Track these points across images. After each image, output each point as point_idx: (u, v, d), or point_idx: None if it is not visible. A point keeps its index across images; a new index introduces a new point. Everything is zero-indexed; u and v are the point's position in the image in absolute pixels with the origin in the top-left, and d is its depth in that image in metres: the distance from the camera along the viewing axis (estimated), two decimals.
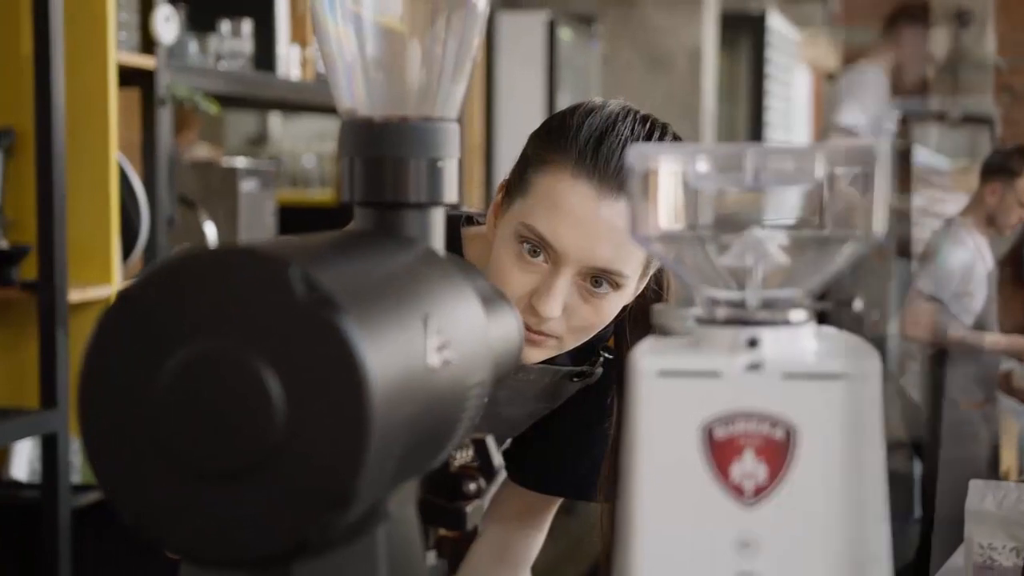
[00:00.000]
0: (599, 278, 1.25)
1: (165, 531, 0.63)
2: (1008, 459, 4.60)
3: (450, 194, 0.83)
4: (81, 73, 2.47)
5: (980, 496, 1.99)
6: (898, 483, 4.61)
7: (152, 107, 2.66)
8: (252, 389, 0.61)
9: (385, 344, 0.64)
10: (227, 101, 3.19)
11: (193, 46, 2.93)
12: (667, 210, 0.72)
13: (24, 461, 2.55)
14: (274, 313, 0.61)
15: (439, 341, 0.70)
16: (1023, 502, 1.92)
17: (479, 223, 1.43)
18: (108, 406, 0.64)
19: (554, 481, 1.51)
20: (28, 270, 2.40)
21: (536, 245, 1.25)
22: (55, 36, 2.36)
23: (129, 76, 2.64)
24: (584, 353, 1.41)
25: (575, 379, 1.42)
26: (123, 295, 0.64)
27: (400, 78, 0.82)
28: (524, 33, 5.14)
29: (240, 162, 3.17)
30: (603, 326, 1.30)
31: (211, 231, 2.93)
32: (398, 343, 0.65)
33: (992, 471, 4.39)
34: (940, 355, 4.34)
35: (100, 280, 2.50)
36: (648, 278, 1.34)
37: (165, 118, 2.68)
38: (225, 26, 3.02)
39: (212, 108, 2.76)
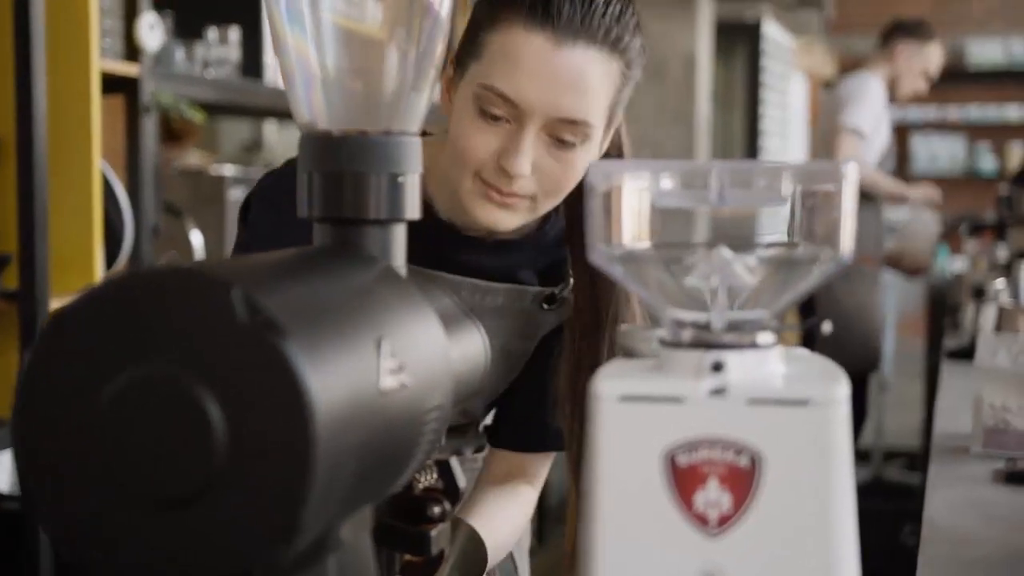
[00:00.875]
0: (564, 135, 1.23)
1: (105, 559, 0.61)
2: None
3: (412, 210, 0.81)
4: (64, 80, 2.44)
5: (991, 351, 1.88)
6: None
7: (136, 115, 2.63)
8: (193, 415, 0.59)
9: (332, 368, 0.61)
10: (214, 109, 3.16)
11: (179, 53, 2.91)
12: (630, 228, 0.70)
13: (5, 472, 2.52)
14: (215, 336, 0.59)
15: (394, 364, 0.68)
16: None
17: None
18: (45, 430, 0.61)
19: (536, 438, 1.47)
20: (9, 279, 2.37)
21: (496, 105, 1.23)
22: (36, 42, 2.34)
23: (113, 83, 2.61)
24: (552, 277, 1.40)
25: (545, 305, 1.40)
26: (61, 315, 0.62)
27: (360, 90, 0.80)
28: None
29: (229, 170, 3.15)
30: (573, 184, 1.28)
31: (197, 240, 2.91)
32: (347, 367, 0.63)
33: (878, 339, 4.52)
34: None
35: (83, 289, 2.47)
36: (612, 133, 1.32)
37: (149, 126, 2.66)
38: (212, 33, 3.00)
39: (197, 116, 2.73)
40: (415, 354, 0.71)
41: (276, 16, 0.80)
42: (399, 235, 0.80)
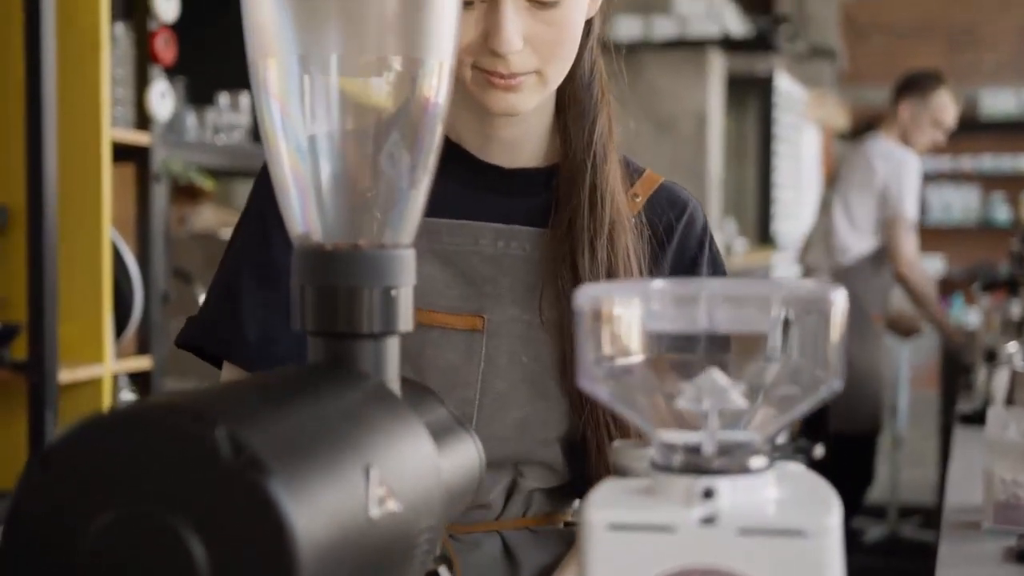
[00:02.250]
0: None
1: None
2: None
3: (405, 323, 0.80)
4: (75, 149, 2.46)
5: (1001, 424, 1.84)
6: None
7: (147, 183, 2.65)
8: (176, 555, 0.58)
9: (319, 503, 0.61)
10: (225, 173, 3.18)
11: (191, 119, 2.93)
12: (618, 351, 0.70)
13: None
14: (200, 475, 0.59)
15: (383, 491, 0.67)
16: None
17: None
18: (31, 568, 0.61)
19: None
20: (18, 349, 2.38)
21: None
22: (48, 113, 2.35)
23: (124, 152, 2.63)
24: None
25: None
26: (47, 452, 0.61)
27: (353, 203, 0.80)
28: None
29: None
30: (576, 40, 1.19)
31: None
32: (334, 499, 0.63)
33: (882, 400, 4.50)
34: (858, 267, 4.42)
35: (92, 359, 2.48)
36: None
37: (160, 194, 2.67)
38: (223, 99, 3.02)
39: (207, 184, 2.75)
40: (405, 477, 0.71)
41: (269, 127, 0.80)
42: (392, 348, 0.80)
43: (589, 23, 1.26)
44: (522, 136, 1.28)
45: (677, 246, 1.29)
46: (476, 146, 1.28)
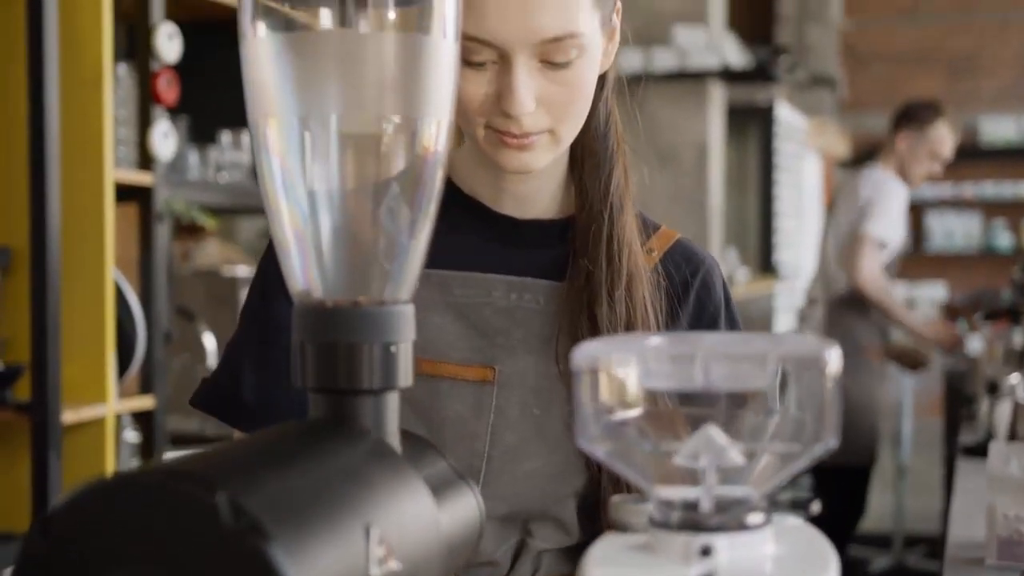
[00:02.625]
0: (555, 56, 1.13)
1: None
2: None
3: (405, 378, 0.81)
4: (78, 190, 2.47)
5: (1003, 459, 1.83)
6: None
7: (150, 222, 2.66)
8: None
9: (320, 566, 0.61)
10: (228, 210, 3.19)
11: (193, 157, 2.95)
12: (616, 408, 0.70)
13: None
14: (200, 541, 0.59)
15: (383, 550, 0.68)
16: None
17: None
18: None
19: None
20: (21, 390, 2.38)
21: (476, 52, 1.13)
22: (51, 154, 2.37)
23: (127, 192, 2.65)
24: None
25: None
26: (48, 518, 0.62)
27: (353, 261, 0.81)
28: None
29: (242, 271, 3.17)
30: (589, 99, 1.18)
31: (210, 343, 2.92)
32: (335, 562, 0.63)
33: (876, 432, 4.48)
34: (850, 299, 4.40)
35: (95, 399, 2.49)
36: (614, 25, 1.23)
37: (162, 233, 2.68)
38: (226, 137, 3.04)
39: (209, 223, 2.76)
40: (405, 535, 0.71)
41: (269, 185, 0.81)
42: (392, 403, 0.81)
43: (604, 75, 1.26)
44: (536, 189, 1.28)
45: (694, 304, 1.28)
46: (490, 198, 1.28)
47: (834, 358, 0.67)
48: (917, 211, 10.24)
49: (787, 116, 7.54)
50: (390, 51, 0.79)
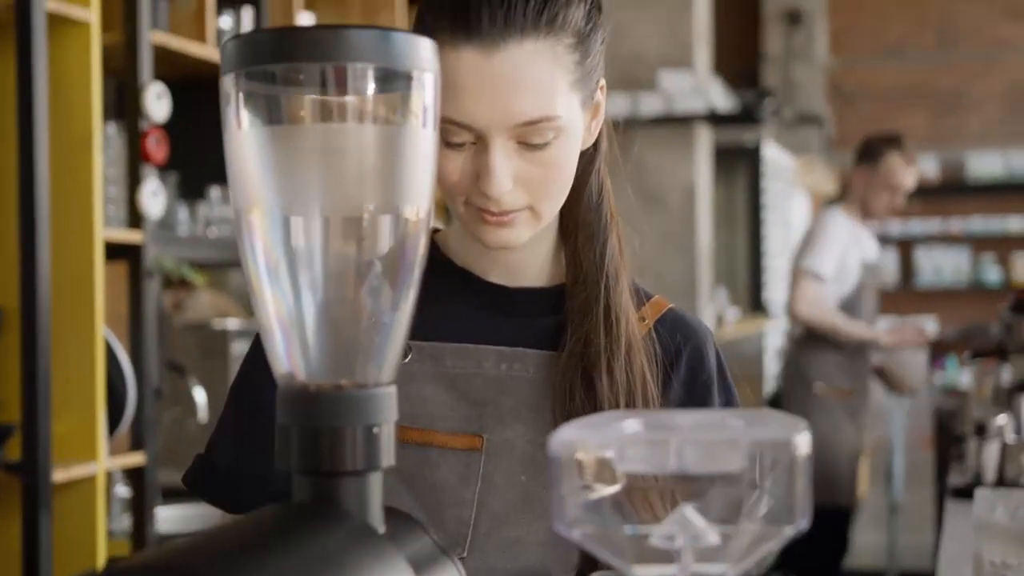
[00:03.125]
0: (532, 138, 1.14)
1: None
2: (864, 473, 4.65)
3: (387, 458, 0.83)
4: (68, 250, 2.49)
5: (989, 506, 1.84)
6: None
7: (139, 280, 2.68)
8: None
9: None
10: (218, 264, 3.21)
11: (183, 213, 2.97)
12: (592, 492, 0.72)
13: None
14: None
15: None
16: None
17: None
18: None
19: None
20: (12, 450, 2.39)
21: (454, 134, 1.14)
22: (41, 213, 2.39)
23: (117, 250, 2.66)
24: None
25: None
26: None
27: (336, 345, 0.83)
28: None
29: (233, 324, 3.18)
30: (569, 177, 1.19)
31: (201, 397, 2.93)
32: None
33: (850, 473, 4.44)
34: (805, 338, 4.40)
35: (86, 457, 2.49)
36: (597, 103, 1.23)
37: (152, 290, 2.70)
38: (215, 192, 3.06)
39: (198, 280, 2.78)
40: None
41: (253, 272, 0.83)
42: (375, 483, 0.82)
43: (596, 146, 1.27)
44: (525, 258, 1.29)
45: (686, 373, 1.29)
46: (481, 269, 1.29)
47: (803, 443, 0.69)
48: (906, 246, 10.29)
49: (774, 155, 7.59)
50: (371, 143, 0.81)
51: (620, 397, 1.22)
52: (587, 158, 1.25)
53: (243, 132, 0.81)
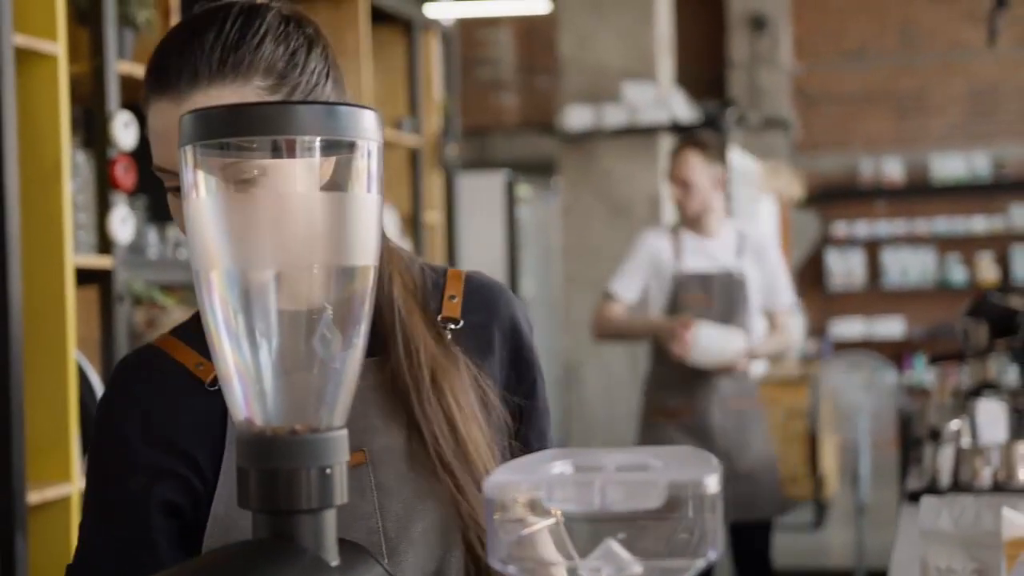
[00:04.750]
0: (238, 173, 1.14)
1: None
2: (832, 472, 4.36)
3: (340, 496, 0.89)
4: (39, 276, 2.54)
5: (934, 514, 1.90)
6: None
7: (110, 305, 2.73)
8: None
9: None
10: (188, 285, 3.27)
11: (152, 236, 3.02)
12: (524, 531, 0.79)
13: None
14: None
15: None
16: (983, 517, 1.84)
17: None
18: None
19: None
20: None
21: (170, 179, 1.21)
22: (12, 241, 2.44)
23: (87, 275, 2.72)
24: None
25: None
26: None
27: (290, 393, 0.90)
28: (484, 192, 5.27)
29: None
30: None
31: None
32: None
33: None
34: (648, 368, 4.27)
35: (59, 479, 2.55)
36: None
37: (123, 315, 2.75)
38: None
39: (168, 302, 2.84)
40: None
41: (212, 326, 0.90)
42: (330, 520, 0.89)
43: None
44: None
45: (499, 336, 1.36)
46: None
47: (713, 482, 0.76)
48: (873, 247, 10.42)
49: (740, 162, 7.68)
50: (319, 207, 0.88)
51: (443, 424, 1.28)
52: None
53: (200, 199, 0.87)
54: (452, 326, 1.33)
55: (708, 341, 4.03)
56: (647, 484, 0.77)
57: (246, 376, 0.89)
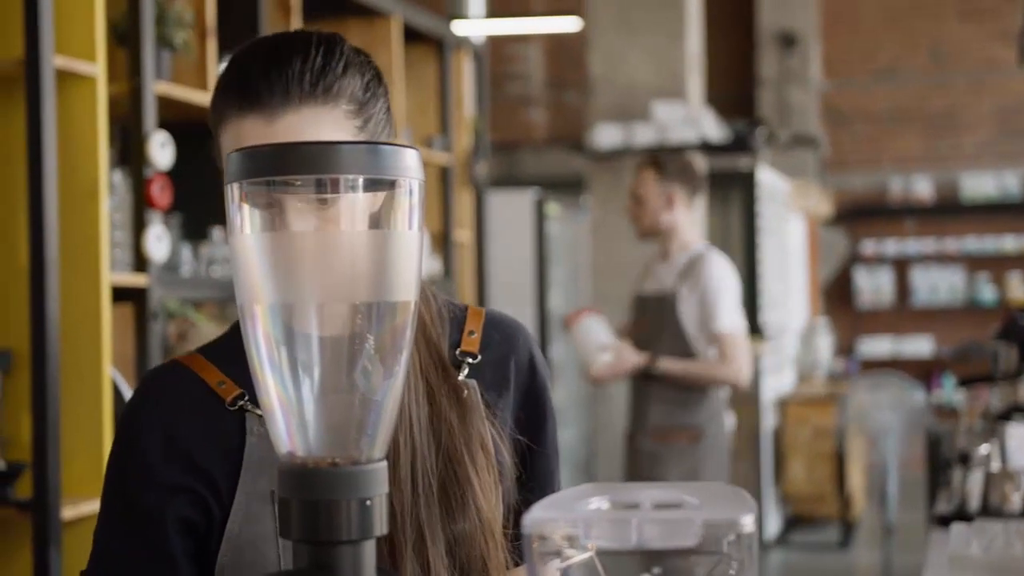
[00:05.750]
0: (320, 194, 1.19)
1: None
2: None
3: (380, 528, 0.91)
4: (76, 293, 2.57)
5: (965, 540, 1.91)
6: None
7: (145, 322, 2.76)
8: None
9: None
10: (220, 300, 3.30)
11: (187, 253, 3.06)
12: (562, 564, 0.81)
13: None
14: None
15: None
16: (1012, 545, 1.84)
17: None
18: None
19: None
20: (23, 488, 2.47)
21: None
22: (50, 259, 2.47)
23: (123, 293, 2.75)
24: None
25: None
26: None
27: (332, 426, 0.91)
28: (513, 210, 5.28)
29: None
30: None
31: None
32: None
33: None
34: (640, 383, 4.12)
35: (94, 495, 2.57)
36: None
37: (157, 331, 2.78)
38: (217, 233, 3.15)
39: (200, 320, 2.86)
40: None
41: (256, 361, 0.92)
42: (369, 551, 0.91)
43: None
44: None
45: (516, 374, 1.38)
46: None
47: (749, 522, 0.78)
48: (902, 266, 10.38)
49: (769, 180, 7.68)
50: (361, 245, 0.90)
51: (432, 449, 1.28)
52: None
53: (245, 235, 0.89)
54: (470, 360, 1.35)
55: (581, 333, 4.04)
56: (683, 523, 0.79)
57: (288, 408, 0.91)
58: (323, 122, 1.24)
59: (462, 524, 1.26)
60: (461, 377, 1.33)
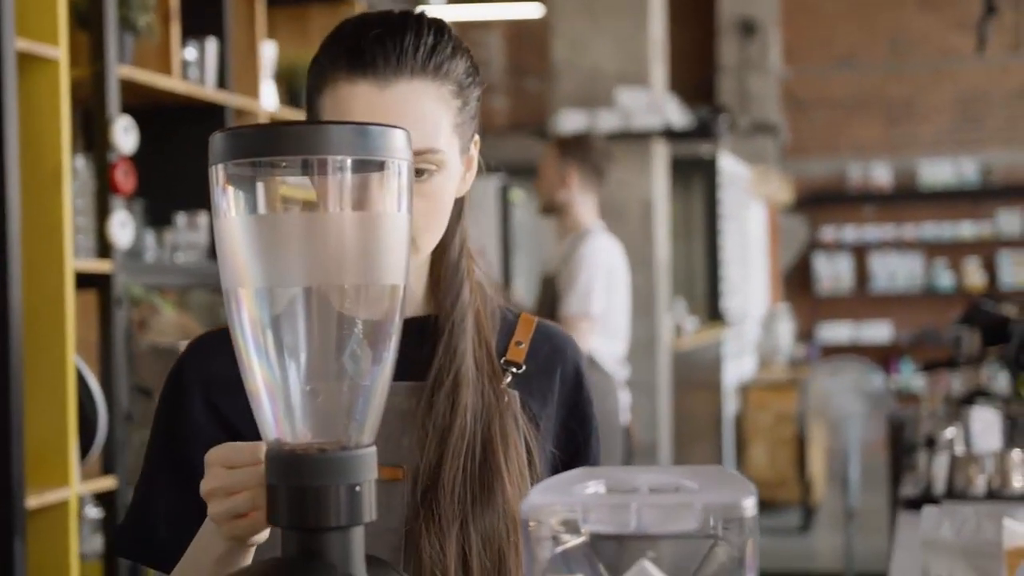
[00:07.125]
0: (416, 165, 1.18)
1: None
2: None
3: (369, 514, 0.90)
4: (39, 280, 2.54)
5: (936, 523, 1.90)
6: None
7: (109, 308, 2.73)
8: None
9: None
10: (185, 287, 3.27)
11: (151, 239, 3.02)
12: (558, 550, 0.79)
13: None
14: None
15: None
16: (983, 528, 1.84)
17: None
18: None
19: None
20: None
21: None
22: (13, 245, 2.44)
23: (87, 279, 2.71)
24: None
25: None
26: None
27: (319, 411, 0.90)
28: (476, 196, 5.24)
29: None
30: (446, 214, 1.27)
31: None
32: None
33: None
34: None
35: (58, 483, 2.54)
36: (472, 154, 1.32)
37: (121, 318, 2.75)
38: (181, 219, 3.11)
39: (165, 306, 2.83)
40: None
41: (242, 347, 0.90)
42: (358, 537, 0.89)
43: (461, 201, 1.34)
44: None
45: (560, 387, 1.37)
46: None
47: (750, 505, 0.77)
48: (861, 252, 10.44)
49: (730, 166, 7.70)
50: (349, 227, 0.88)
51: (437, 430, 1.27)
52: (457, 208, 1.33)
53: (230, 218, 0.88)
54: (514, 370, 1.33)
55: None
56: (682, 507, 0.78)
57: (276, 394, 0.90)
58: (431, 97, 1.25)
59: (491, 519, 1.25)
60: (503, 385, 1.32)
